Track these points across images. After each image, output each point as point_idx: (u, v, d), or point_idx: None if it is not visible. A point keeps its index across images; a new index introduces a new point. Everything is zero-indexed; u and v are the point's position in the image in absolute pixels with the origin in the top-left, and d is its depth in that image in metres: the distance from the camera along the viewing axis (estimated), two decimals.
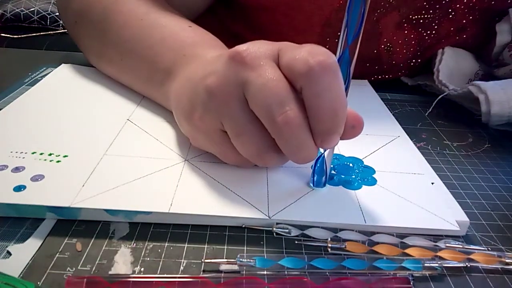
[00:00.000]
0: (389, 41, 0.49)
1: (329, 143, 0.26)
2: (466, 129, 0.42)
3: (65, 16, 0.47)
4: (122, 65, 0.41)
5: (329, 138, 0.26)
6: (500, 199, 0.31)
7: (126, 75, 0.42)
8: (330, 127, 0.25)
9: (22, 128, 0.35)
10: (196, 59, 0.33)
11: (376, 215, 0.27)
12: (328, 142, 0.26)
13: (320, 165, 0.29)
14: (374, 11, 0.46)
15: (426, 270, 0.24)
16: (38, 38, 1.51)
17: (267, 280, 0.23)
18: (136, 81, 0.41)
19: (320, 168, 0.29)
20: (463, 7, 0.47)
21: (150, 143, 0.34)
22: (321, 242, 0.26)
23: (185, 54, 0.35)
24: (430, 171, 0.33)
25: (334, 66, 0.25)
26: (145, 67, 0.38)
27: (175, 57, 0.35)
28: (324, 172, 0.29)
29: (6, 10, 1.55)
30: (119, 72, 0.42)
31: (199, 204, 0.27)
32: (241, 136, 0.27)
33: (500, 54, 0.48)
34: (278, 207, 0.27)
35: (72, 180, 0.28)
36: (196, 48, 0.35)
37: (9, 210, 0.27)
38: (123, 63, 0.40)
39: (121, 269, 0.23)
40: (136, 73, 0.40)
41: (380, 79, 0.52)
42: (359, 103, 0.44)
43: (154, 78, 0.37)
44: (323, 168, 0.29)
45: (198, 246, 0.25)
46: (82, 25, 0.44)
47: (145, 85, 0.40)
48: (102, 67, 0.45)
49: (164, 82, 0.36)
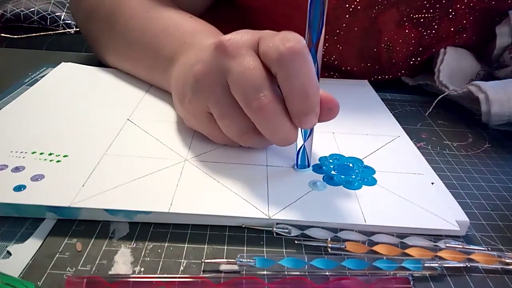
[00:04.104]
0: (390, 40, 0.49)
1: (306, 123, 0.28)
2: (466, 129, 0.42)
3: (76, 14, 0.51)
4: (128, 54, 0.43)
5: (305, 118, 0.28)
6: (500, 199, 0.31)
7: (132, 63, 0.44)
8: (303, 108, 0.27)
9: (22, 128, 0.35)
10: (194, 46, 0.35)
11: (376, 215, 0.27)
12: (305, 123, 0.28)
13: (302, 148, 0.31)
14: (372, 8, 0.46)
15: (426, 270, 0.24)
16: (38, 38, 1.51)
17: (267, 280, 0.23)
18: (142, 68, 0.43)
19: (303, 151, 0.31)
20: (463, 7, 0.47)
21: (150, 143, 0.34)
22: (321, 242, 0.26)
23: (185, 41, 0.37)
24: (430, 171, 0.33)
25: (303, 51, 0.27)
26: (149, 55, 0.41)
27: (176, 45, 0.37)
28: (306, 155, 0.31)
29: (6, 10, 1.55)
30: (126, 60, 0.45)
31: (199, 204, 0.27)
32: (224, 119, 0.30)
33: (501, 56, 0.48)
34: (278, 207, 0.27)
35: (72, 180, 0.28)
36: (195, 36, 0.37)
37: (9, 210, 0.26)
38: (129, 52, 0.43)
39: (121, 269, 0.23)
40: (141, 61, 0.42)
41: (380, 79, 0.52)
42: (359, 103, 0.44)
43: (158, 65, 0.40)
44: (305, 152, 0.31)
45: (198, 246, 0.25)
46: (93, 20, 0.47)
47: (150, 72, 0.42)
48: (109, 58, 0.47)
49: (166, 69, 0.38)
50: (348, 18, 0.47)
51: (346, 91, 0.47)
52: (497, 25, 0.47)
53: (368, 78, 0.51)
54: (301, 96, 0.27)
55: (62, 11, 1.60)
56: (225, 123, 0.30)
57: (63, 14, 1.60)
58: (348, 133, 0.37)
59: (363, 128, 0.38)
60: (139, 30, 0.42)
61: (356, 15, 0.46)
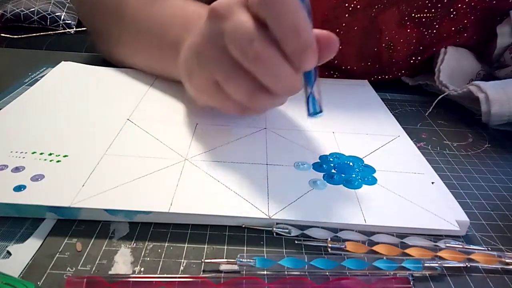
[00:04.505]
0: (391, 39, 0.49)
1: (305, 61, 0.28)
2: (466, 129, 0.42)
3: (81, 9, 0.51)
4: (137, 45, 0.44)
5: (303, 56, 0.27)
6: (500, 199, 0.31)
7: (142, 54, 0.45)
8: (298, 45, 0.27)
9: (22, 128, 0.35)
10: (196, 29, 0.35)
11: (376, 215, 0.27)
12: (304, 61, 0.27)
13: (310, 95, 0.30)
14: (371, 7, 0.46)
15: (426, 270, 0.24)
16: (38, 38, 1.52)
17: (267, 280, 0.23)
18: (152, 59, 0.44)
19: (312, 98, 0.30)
20: (464, 6, 0.47)
21: (150, 143, 0.34)
22: (321, 242, 0.26)
23: (189, 27, 0.38)
24: (430, 171, 0.33)
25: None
26: (158, 44, 0.41)
27: (182, 31, 0.38)
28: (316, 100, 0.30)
29: (6, 10, 1.55)
30: (135, 52, 0.45)
31: (199, 203, 0.27)
32: (230, 82, 0.30)
33: (501, 56, 0.48)
34: (278, 206, 0.27)
35: (72, 180, 0.28)
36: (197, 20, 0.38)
37: (9, 210, 0.27)
38: (138, 43, 0.44)
39: (121, 269, 0.23)
40: (150, 51, 0.43)
41: (380, 79, 0.52)
42: (359, 103, 0.44)
43: (166, 54, 0.40)
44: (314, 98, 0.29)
45: (198, 246, 0.25)
46: (99, 14, 0.47)
47: (160, 62, 0.43)
48: (118, 50, 0.47)
49: (174, 56, 0.38)
50: (348, 18, 0.47)
51: (346, 91, 0.47)
52: (498, 25, 0.47)
53: (368, 77, 0.51)
54: (293, 33, 0.27)
55: (62, 11, 1.60)
56: (231, 87, 0.31)
57: (63, 14, 1.60)
58: (348, 133, 0.37)
59: (363, 128, 0.38)
60: (147, 21, 0.42)
61: (356, 15, 0.47)
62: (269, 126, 0.37)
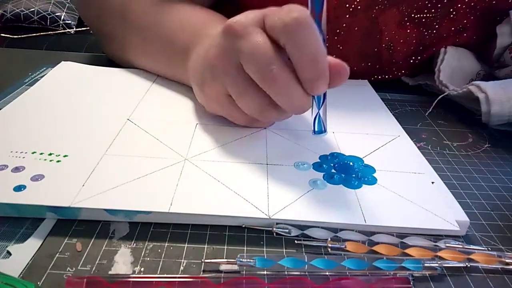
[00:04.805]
0: (391, 40, 0.49)
1: (317, 88, 0.30)
2: (466, 129, 0.42)
3: (87, 13, 0.51)
4: (144, 50, 0.45)
5: (316, 84, 0.29)
6: (500, 199, 0.31)
7: (149, 58, 0.45)
8: (313, 74, 0.29)
9: (22, 128, 0.35)
10: (207, 36, 0.37)
11: (376, 215, 0.27)
12: (317, 88, 0.30)
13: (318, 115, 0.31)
14: (372, 8, 0.46)
15: (426, 270, 0.24)
16: (38, 38, 1.52)
17: (267, 280, 0.23)
18: (160, 63, 0.44)
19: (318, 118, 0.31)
20: (464, 6, 0.47)
21: (150, 143, 0.34)
22: (321, 242, 0.26)
23: (198, 33, 0.39)
24: (430, 171, 0.33)
25: (308, 20, 0.28)
26: (165, 49, 0.42)
27: (190, 37, 0.39)
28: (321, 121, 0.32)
29: (6, 10, 1.55)
30: (143, 56, 0.46)
31: (199, 203, 0.27)
32: (243, 98, 0.32)
33: (501, 56, 0.48)
34: (278, 206, 0.27)
35: (72, 180, 0.28)
36: (207, 26, 0.39)
37: (9, 210, 0.26)
38: (145, 48, 0.45)
39: (121, 269, 0.23)
40: (158, 56, 0.44)
41: (380, 79, 0.52)
42: (359, 103, 0.44)
43: (174, 59, 0.41)
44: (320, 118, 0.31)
45: (198, 246, 0.25)
46: (105, 18, 0.48)
47: (168, 66, 0.44)
48: (126, 54, 0.47)
49: (183, 61, 0.39)
50: (349, 18, 0.47)
51: (346, 91, 0.47)
52: (497, 25, 0.47)
53: (368, 77, 0.51)
54: (311, 62, 0.29)
55: (62, 11, 1.60)
56: (244, 102, 0.32)
57: (63, 14, 1.60)
58: (348, 133, 0.37)
59: (363, 128, 0.38)
60: (153, 25, 0.43)
61: (356, 15, 0.47)
62: (269, 126, 0.37)
